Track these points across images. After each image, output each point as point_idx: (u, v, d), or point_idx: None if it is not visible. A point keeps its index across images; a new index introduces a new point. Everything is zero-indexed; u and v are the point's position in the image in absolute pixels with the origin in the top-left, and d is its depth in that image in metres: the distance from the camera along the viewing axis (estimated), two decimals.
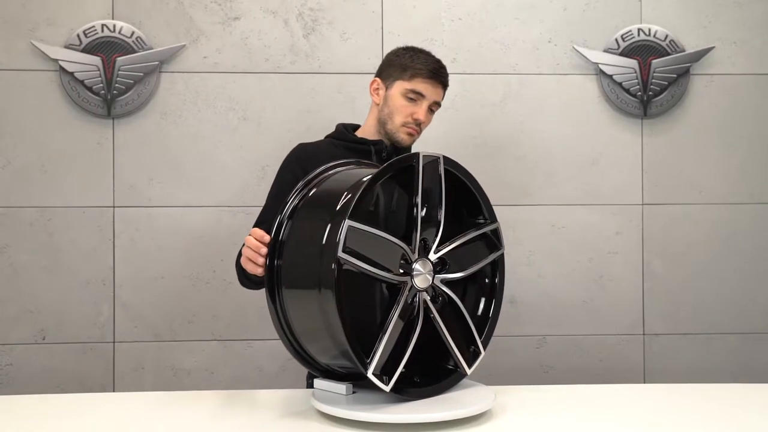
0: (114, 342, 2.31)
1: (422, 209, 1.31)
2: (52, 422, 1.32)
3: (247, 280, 1.55)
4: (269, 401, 1.43)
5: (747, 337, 2.42)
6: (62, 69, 2.27)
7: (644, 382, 2.39)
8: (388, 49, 2.35)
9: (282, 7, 2.35)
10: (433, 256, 1.31)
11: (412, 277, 1.27)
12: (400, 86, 1.64)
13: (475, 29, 2.39)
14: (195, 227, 2.32)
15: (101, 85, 2.28)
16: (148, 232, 2.32)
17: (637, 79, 2.37)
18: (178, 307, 2.32)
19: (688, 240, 2.42)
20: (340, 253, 1.15)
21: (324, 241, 1.20)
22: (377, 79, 1.71)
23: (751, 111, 2.43)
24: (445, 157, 1.35)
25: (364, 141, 1.69)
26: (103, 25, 2.29)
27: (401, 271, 1.26)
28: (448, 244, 1.34)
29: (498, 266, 1.46)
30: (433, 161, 1.34)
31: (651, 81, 2.37)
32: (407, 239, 1.30)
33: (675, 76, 2.38)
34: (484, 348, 1.40)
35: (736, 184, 2.43)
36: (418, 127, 1.65)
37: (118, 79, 2.29)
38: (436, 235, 1.33)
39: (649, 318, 2.41)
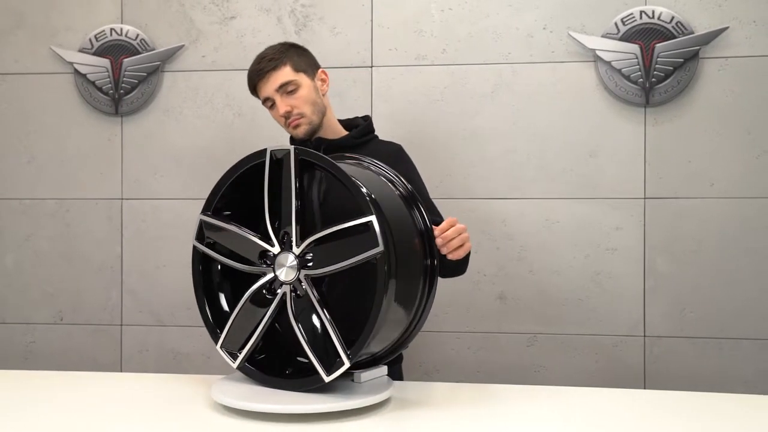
0: (121, 325, 2.48)
1: (295, 203, 1.33)
2: (60, 396, 1.47)
3: None
4: (188, 385, 1.51)
5: (763, 344, 2.21)
6: (77, 71, 2.46)
7: (645, 388, 2.25)
8: (377, 42, 2.38)
9: (275, 4, 2.41)
10: (297, 250, 1.31)
11: (274, 269, 1.29)
12: (261, 103, 1.79)
13: (466, 18, 2.33)
14: (194, 219, 2.43)
15: (110, 85, 2.45)
16: (153, 223, 2.47)
17: (638, 65, 2.23)
18: (178, 295, 2.45)
19: (696, 236, 2.25)
20: (194, 242, 1.35)
21: None
22: None
23: None
24: (302, 150, 1.34)
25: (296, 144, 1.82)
26: (111, 29, 2.45)
27: (267, 263, 1.31)
28: (310, 237, 1.32)
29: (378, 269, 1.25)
30: (295, 153, 1.34)
31: (654, 67, 2.22)
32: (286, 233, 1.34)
33: (682, 60, 2.21)
34: (350, 356, 1.26)
35: (752, 177, 2.22)
36: (292, 117, 1.74)
37: (124, 79, 2.45)
38: (295, 229, 1.32)
39: (651, 319, 2.26)
